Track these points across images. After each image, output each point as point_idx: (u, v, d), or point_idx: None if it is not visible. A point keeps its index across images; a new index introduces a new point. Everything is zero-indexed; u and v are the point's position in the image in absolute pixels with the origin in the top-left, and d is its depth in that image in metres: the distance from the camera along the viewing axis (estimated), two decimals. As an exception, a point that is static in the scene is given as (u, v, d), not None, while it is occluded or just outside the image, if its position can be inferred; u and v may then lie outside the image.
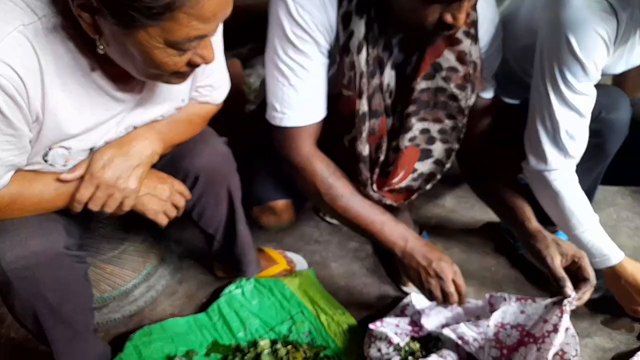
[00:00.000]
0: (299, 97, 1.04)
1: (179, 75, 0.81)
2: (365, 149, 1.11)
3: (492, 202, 1.25)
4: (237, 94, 1.84)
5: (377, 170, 1.16)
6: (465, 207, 1.70)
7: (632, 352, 1.19)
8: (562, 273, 1.04)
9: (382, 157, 1.14)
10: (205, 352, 1.21)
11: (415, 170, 1.17)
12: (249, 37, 1.94)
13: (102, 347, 1.13)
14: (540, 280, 1.40)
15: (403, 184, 1.17)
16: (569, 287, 1.03)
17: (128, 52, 0.73)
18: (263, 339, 1.21)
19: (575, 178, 1.14)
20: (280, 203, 1.28)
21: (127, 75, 0.84)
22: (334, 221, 1.64)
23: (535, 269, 1.41)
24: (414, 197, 1.25)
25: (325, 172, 1.08)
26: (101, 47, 0.74)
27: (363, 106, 1.06)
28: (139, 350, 1.19)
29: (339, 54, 1.03)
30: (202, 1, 0.68)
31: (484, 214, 1.63)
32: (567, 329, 1.01)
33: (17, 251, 0.83)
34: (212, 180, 1.12)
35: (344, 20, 1.00)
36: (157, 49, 0.72)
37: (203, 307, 1.37)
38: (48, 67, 0.74)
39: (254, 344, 1.21)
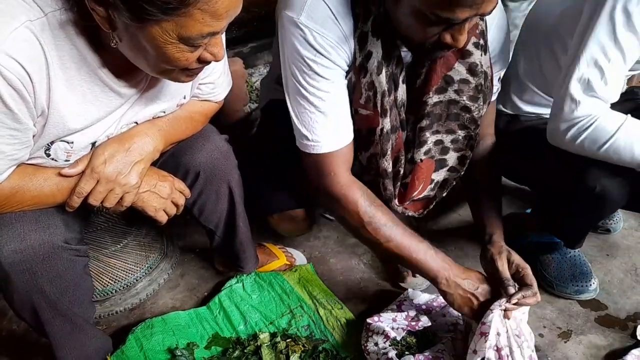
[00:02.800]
0: (329, 123, 1.03)
1: (188, 73, 0.83)
2: (389, 166, 1.12)
3: (473, 203, 1.26)
4: (238, 92, 1.87)
5: (398, 185, 1.18)
6: (462, 205, 1.71)
7: (626, 350, 1.20)
8: (507, 275, 1.05)
9: (401, 171, 1.16)
10: (205, 345, 1.23)
11: (432, 180, 1.19)
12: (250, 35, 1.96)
13: (103, 339, 1.14)
14: (538, 279, 1.41)
15: (422, 195, 1.19)
16: (510, 288, 1.03)
17: (141, 46, 0.74)
18: (263, 332, 1.23)
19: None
20: (300, 212, 1.31)
21: (131, 71, 0.85)
22: (333, 217, 1.65)
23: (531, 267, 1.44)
24: (431, 206, 1.27)
25: (366, 201, 1.06)
26: (114, 41, 0.75)
27: (387, 124, 1.07)
28: (140, 343, 1.21)
29: (355, 73, 1.03)
30: None
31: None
32: (498, 333, 1.01)
33: (15, 245, 0.84)
34: (213, 176, 1.13)
35: (360, 41, 1.00)
36: (170, 44, 0.73)
37: (204, 301, 1.39)
38: (54, 62, 0.76)
39: (254, 337, 1.23)
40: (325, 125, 1.03)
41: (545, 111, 1.27)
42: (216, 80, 1.07)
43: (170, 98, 0.99)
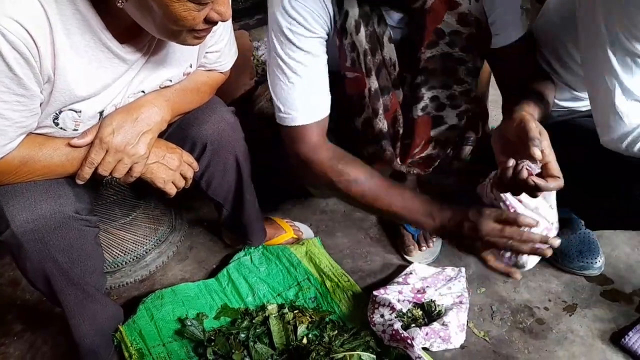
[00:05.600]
0: (302, 96, 1.02)
1: (196, 35, 0.82)
2: (384, 126, 1.10)
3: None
4: (244, 66, 1.85)
5: (398, 144, 1.17)
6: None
7: (631, 325, 1.20)
8: (536, 134, 0.88)
9: (401, 131, 1.14)
10: (215, 315, 1.25)
11: (432, 138, 1.18)
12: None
13: (114, 308, 1.17)
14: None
15: (424, 154, 1.18)
16: (536, 149, 0.85)
17: (147, 5, 0.74)
18: (271, 304, 1.25)
19: None
20: None
21: (135, 36, 0.85)
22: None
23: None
24: (436, 164, 1.25)
25: (333, 159, 1.04)
26: (120, 1, 0.75)
27: (373, 83, 1.06)
28: (151, 313, 1.23)
29: (337, 36, 1.02)
30: None
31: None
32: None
33: (26, 215, 0.85)
34: (220, 148, 1.14)
35: (338, 3, 0.99)
36: (177, 2, 0.73)
37: (213, 273, 1.41)
38: (57, 26, 0.75)
39: (262, 308, 1.25)
40: (300, 98, 1.02)
41: (574, 105, 1.23)
42: (222, 49, 1.06)
43: (177, 65, 0.98)
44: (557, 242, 0.90)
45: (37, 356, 1.23)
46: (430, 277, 1.29)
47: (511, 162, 0.87)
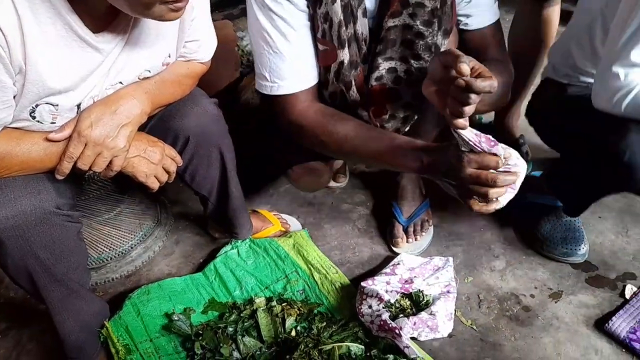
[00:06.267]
0: (287, 64, 1.02)
1: (172, 7, 0.78)
2: (358, 97, 1.10)
3: None
4: (228, 56, 1.83)
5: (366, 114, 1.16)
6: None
7: (615, 310, 1.22)
8: (461, 53, 0.83)
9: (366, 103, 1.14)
10: (202, 310, 1.24)
11: (387, 111, 1.17)
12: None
13: (100, 304, 1.15)
14: (531, 241, 1.43)
15: (377, 123, 1.17)
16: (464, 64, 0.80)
17: None
18: (259, 297, 1.24)
19: None
20: (320, 164, 1.29)
21: (109, 23, 0.82)
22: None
23: (524, 230, 1.45)
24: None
25: (322, 121, 1.05)
26: None
27: (346, 55, 1.05)
28: (137, 309, 1.22)
29: (310, 6, 1.01)
30: None
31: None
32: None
33: (6, 211, 0.83)
34: (203, 141, 1.12)
35: None
36: None
37: (199, 267, 1.40)
38: (26, 15, 0.73)
39: (249, 301, 1.24)
40: (285, 66, 1.02)
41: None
42: (201, 38, 1.05)
43: (155, 55, 0.96)
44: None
45: (23, 353, 1.22)
46: (418, 267, 1.30)
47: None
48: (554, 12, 1.52)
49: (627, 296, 1.27)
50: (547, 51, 1.47)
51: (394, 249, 1.42)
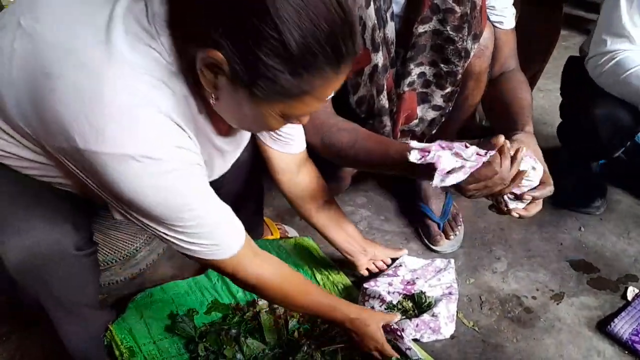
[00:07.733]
0: None
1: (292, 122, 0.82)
2: (387, 102, 1.11)
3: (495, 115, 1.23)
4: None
5: (391, 121, 1.19)
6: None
7: (617, 312, 1.23)
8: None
9: (394, 108, 1.16)
10: (205, 311, 1.25)
11: (417, 116, 1.19)
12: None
13: (106, 315, 1.16)
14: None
15: (405, 128, 1.19)
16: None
17: (241, 111, 0.73)
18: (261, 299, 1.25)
19: None
20: (343, 170, 1.34)
21: (231, 129, 0.87)
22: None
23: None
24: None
25: (322, 136, 1.08)
26: (212, 100, 0.73)
27: (380, 59, 1.06)
28: (140, 311, 1.23)
29: None
30: (330, 87, 0.69)
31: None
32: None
33: (24, 255, 0.82)
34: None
35: None
36: (271, 117, 0.72)
37: (202, 270, 1.40)
38: (192, 137, 0.76)
39: (252, 303, 1.24)
40: None
41: None
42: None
43: (241, 148, 0.99)
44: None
45: (25, 357, 1.22)
46: (419, 268, 1.30)
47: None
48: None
49: (629, 298, 1.27)
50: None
51: (436, 248, 1.43)
